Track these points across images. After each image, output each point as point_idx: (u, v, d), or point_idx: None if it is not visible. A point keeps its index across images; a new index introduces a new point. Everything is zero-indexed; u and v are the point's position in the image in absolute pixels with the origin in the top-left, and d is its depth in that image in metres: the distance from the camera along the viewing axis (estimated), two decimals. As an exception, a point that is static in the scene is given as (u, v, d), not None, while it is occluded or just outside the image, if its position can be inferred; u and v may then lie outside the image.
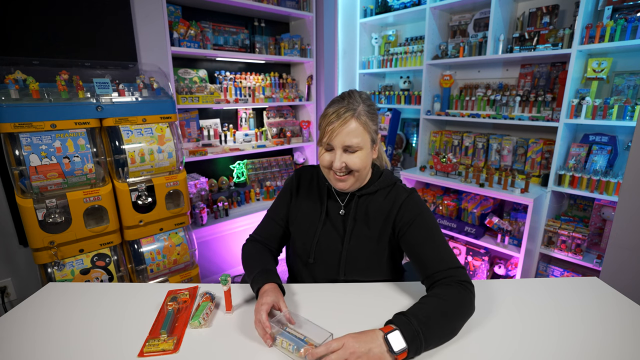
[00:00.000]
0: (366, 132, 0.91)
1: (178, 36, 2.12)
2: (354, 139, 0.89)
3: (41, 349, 0.78)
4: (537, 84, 2.26)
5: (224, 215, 2.45)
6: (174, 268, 1.81)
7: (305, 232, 1.04)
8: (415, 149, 2.97)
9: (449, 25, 2.64)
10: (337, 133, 0.89)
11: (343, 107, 0.90)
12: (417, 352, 0.72)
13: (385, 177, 1.02)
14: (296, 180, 1.10)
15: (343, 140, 0.89)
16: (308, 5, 2.69)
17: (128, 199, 1.60)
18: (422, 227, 0.93)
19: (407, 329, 0.72)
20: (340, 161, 0.90)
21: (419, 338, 0.71)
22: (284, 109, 2.97)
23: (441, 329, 0.76)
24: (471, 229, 2.32)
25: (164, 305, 0.93)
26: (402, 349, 0.70)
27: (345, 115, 0.88)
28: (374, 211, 0.99)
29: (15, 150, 1.35)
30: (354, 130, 0.89)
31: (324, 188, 1.06)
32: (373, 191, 1.00)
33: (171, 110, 1.73)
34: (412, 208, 0.95)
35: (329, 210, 1.04)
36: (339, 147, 0.90)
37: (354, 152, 0.91)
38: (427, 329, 0.73)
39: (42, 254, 1.45)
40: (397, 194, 0.98)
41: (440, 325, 0.76)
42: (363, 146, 0.91)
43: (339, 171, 0.93)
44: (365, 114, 0.91)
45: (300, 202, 1.08)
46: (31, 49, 1.76)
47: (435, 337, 0.75)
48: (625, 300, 0.93)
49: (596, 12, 1.92)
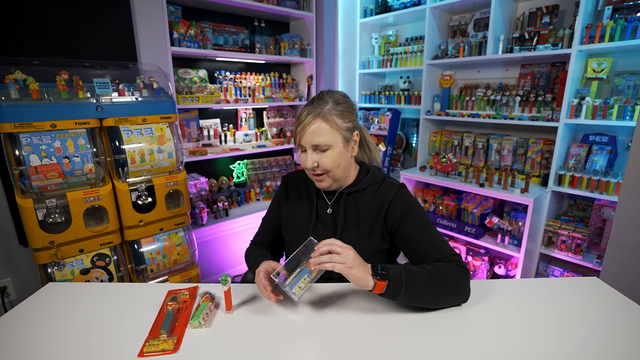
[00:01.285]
0: (335, 130, 0.93)
1: (178, 36, 2.12)
2: (320, 138, 0.92)
3: (41, 349, 0.78)
4: (537, 84, 2.26)
5: (224, 215, 2.45)
6: (174, 268, 1.81)
7: (297, 234, 1.07)
8: (415, 149, 2.97)
9: (449, 25, 2.64)
10: (305, 132, 0.93)
11: (311, 108, 0.94)
12: (396, 293, 0.81)
13: (373, 174, 1.04)
14: (284, 187, 1.15)
15: (310, 140, 0.93)
16: (308, 5, 2.69)
17: (128, 199, 1.60)
18: (414, 220, 0.96)
19: (394, 270, 0.82)
20: (311, 160, 0.95)
21: (401, 281, 0.81)
22: (284, 109, 2.97)
23: (425, 286, 0.83)
24: (471, 229, 2.32)
25: (164, 305, 0.93)
26: (383, 278, 0.80)
27: (309, 116, 0.93)
28: (364, 208, 1.00)
29: (15, 150, 1.35)
30: (319, 129, 0.92)
31: (312, 189, 1.08)
32: (361, 188, 1.02)
33: (171, 110, 1.73)
34: (403, 203, 0.98)
35: (319, 210, 1.06)
36: (309, 147, 0.95)
37: (323, 151, 0.94)
38: (411, 278, 0.82)
39: (42, 254, 1.45)
40: (387, 189, 1.00)
41: (425, 283, 0.83)
42: (332, 145, 0.94)
43: (312, 171, 0.97)
44: (334, 113, 0.93)
45: (290, 207, 1.11)
46: (31, 49, 1.76)
47: (416, 291, 0.83)
48: (625, 300, 0.93)
49: (596, 12, 1.91)
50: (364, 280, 0.80)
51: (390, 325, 0.83)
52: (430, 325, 0.83)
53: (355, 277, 0.79)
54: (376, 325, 0.83)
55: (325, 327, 0.83)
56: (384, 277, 0.81)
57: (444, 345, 0.77)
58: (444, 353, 0.74)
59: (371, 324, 0.84)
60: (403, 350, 0.75)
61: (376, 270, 0.81)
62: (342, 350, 0.75)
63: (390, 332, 0.81)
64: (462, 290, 0.87)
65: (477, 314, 0.88)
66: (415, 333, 0.80)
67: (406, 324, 0.83)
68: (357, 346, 0.76)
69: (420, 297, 0.84)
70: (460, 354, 0.74)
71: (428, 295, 0.85)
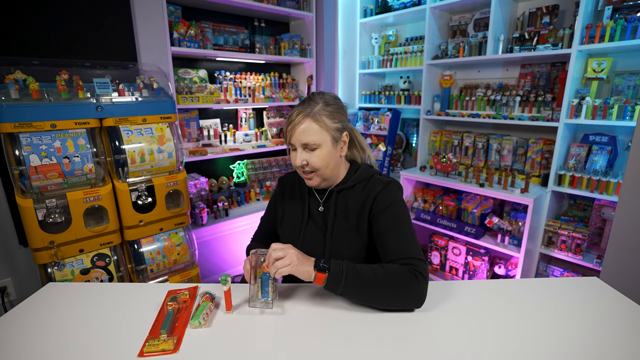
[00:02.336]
0: (324, 130, 0.95)
1: (178, 36, 2.12)
2: (309, 137, 0.95)
3: (41, 349, 0.78)
4: (537, 84, 2.26)
5: (224, 215, 2.45)
6: (174, 268, 1.81)
7: (290, 233, 1.10)
8: (415, 149, 2.97)
9: (449, 25, 2.64)
10: (295, 131, 0.96)
11: (301, 108, 0.97)
12: (336, 286, 0.85)
13: (362, 172, 1.06)
14: (279, 188, 1.19)
15: (300, 139, 0.96)
16: (308, 5, 2.69)
17: (128, 199, 1.60)
18: (392, 215, 0.96)
19: (337, 265, 0.87)
20: (300, 159, 0.97)
21: (341, 276, 0.85)
22: (284, 109, 2.97)
23: (366, 284, 0.86)
24: (471, 229, 2.32)
25: (164, 305, 0.93)
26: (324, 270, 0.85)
27: (300, 115, 0.96)
28: (352, 204, 1.02)
29: (15, 150, 1.35)
30: (309, 129, 0.95)
31: (304, 189, 1.11)
32: (350, 186, 1.04)
33: (171, 110, 1.73)
34: (385, 198, 0.99)
35: (311, 209, 1.09)
36: (298, 145, 0.97)
37: (313, 150, 0.96)
38: (352, 275, 0.85)
39: (42, 254, 1.45)
40: (374, 185, 1.02)
41: (367, 281, 0.86)
42: (321, 144, 0.96)
43: (301, 169, 1.00)
44: (323, 113, 0.95)
45: (284, 207, 1.15)
46: (31, 49, 1.76)
47: (355, 287, 0.86)
48: (625, 300, 0.93)
49: (596, 12, 1.92)
50: (308, 274, 0.86)
51: (391, 325, 0.83)
52: (430, 325, 0.83)
53: (300, 272, 0.85)
54: (377, 325, 0.83)
55: (325, 327, 0.83)
56: (324, 269, 0.85)
57: (444, 345, 0.77)
58: (444, 353, 0.74)
59: (372, 323, 0.84)
60: (403, 350, 0.75)
61: (318, 263, 0.86)
62: (343, 350, 0.75)
63: (390, 331, 0.81)
64: (410, 295, 0.86)
65: (477, 314, 0.88)
66: (415, 332, 0.80)
67: (406, 324, 0.83)
68: (358, 345, 0.76)
69: (361, 294, 0.88)
70: (461, 354, 0.74)
71: (369, 293, 0.87)
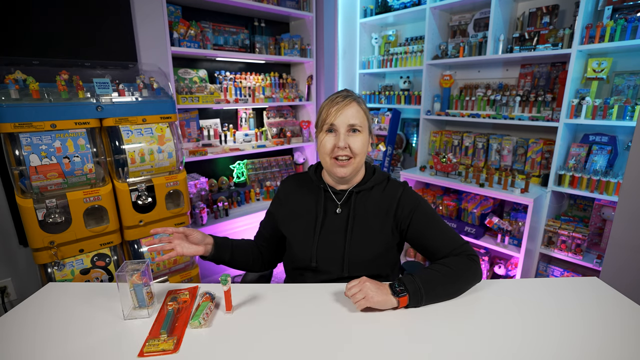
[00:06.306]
0: (366, 119, 0.99)
1: (178, 36, 2.12)
2: (357, 119, 0.96)
3: (41, 349, 0.78)
4: (537, 84, 2.26)
5: (224, 215, 2.45)
6: (174, 268, 1.81)
7: (303, 237, 1.05)
8: (415, 149, 2.97)
9: (449, 25, 2.64)
10: (341, 112, 0.95)
11: (345, 94, 0.98)
12: (418, 302, 0.87)
13: (379, 174, 1.07)
14: (282, 191, 1.14)
15: (347, 120, 0.95)
16: (308, 5, 2.69)
17: (128, 199, 1.60)
18: (424, 215, 1.01)
19: (411, 282, 0.88)
20: (344, 141, 0.95)
21: (420, 293, 0.87)
22: (284, 109, 2.97)
23: (442, 287, 0.90)
24: (471, 229, 2.32)
25: (164, 305, 0.93)
26: (403, 293, 0.86)
27: (347, 99, 0.96)
28: (372, 206, 1.03)
29: (15, 150, 1.35)
30: (357, 112, 0.96)
31: (318, 191, 1.07)
32: (369, 187, 1.04)
33: (171, 110, 1.73)
34: (410, 200, 1.02)
35: (327, 210, 1.05)
36: (342, 127, 0.95)
37: (355, 132, 0.96)
38: (428, 286, 0.88)
39: (42, 254, 1.45)
40: (393, 188, 1.04)
41: (442, 284, 0.90)
42: (363, 129, 0.98)
43: (342, 153, 0.96)
44: (364, 105, 1.00)
45: (290, 210, 1.10)
46: (31, 49, 1.76)
47: (435, 294, 0.89)
48: (626, 300, 0.93)
49: (596, 12, 1.91)
50: (387, 303, 0.86)
51: (391, 324, 0.83)
52: (430, 325, 0.83)
53: (379, 303, 0.85)
54: (377, 324, 0.83)
55: (325, 327, 0.83)
56: (403, 292, 0.87)
57: (444, 345, 0.77)
58: (444, 353, 0.74)
59: (372, 322, 0.84)
60: (402, 349, 0.75)
61: (394, 288, 0.87)
62: (343, 350, 0.75)
63: (391, 330, 0.81)
64: (474, 277, 0.96)
65: (477, 313, 0.88)
66: (415, 332, 0.80)
67: (406, 324, 0.83)
68: (358, 345, 0.76)
69: (440, 297, 0.91)
70: (461, 354, 0.74)
71: (446, 293, 0.92)
